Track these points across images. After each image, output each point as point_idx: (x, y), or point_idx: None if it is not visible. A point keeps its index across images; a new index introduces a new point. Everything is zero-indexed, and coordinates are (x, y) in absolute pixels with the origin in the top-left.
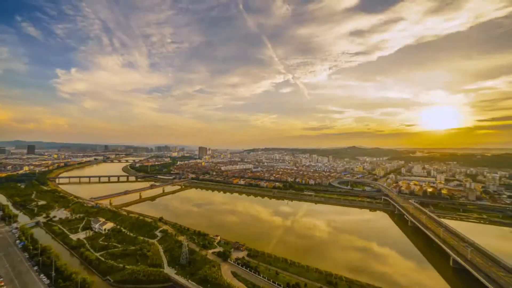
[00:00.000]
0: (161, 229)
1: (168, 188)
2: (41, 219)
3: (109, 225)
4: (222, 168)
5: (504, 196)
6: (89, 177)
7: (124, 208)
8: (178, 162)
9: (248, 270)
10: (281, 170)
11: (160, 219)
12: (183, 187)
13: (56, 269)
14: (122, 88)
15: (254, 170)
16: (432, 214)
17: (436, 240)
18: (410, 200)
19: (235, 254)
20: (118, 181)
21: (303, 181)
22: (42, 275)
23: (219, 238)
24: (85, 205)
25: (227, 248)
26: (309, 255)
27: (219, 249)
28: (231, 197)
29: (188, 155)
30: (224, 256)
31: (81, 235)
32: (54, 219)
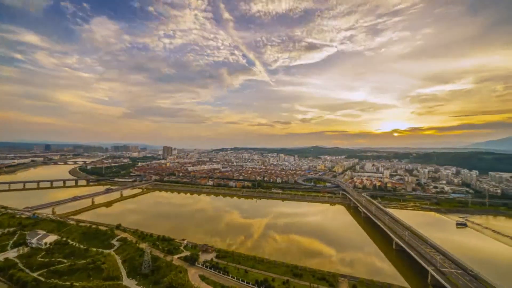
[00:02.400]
0: (119, 237)
1: (128, 192)
2: None
3: (52, 238)
4: (189, 169)
5: (431, 186)
6: (24, 182)
7: (72, 217)
8: (139, 163)
9: (216, 272)
10: (250, 169)
11: (118, 227)
12: (145, 190)
13: None
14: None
15: (223, 170)
16: (380, 205)
17: (383, 227)
18: (363, 194)
19: (203, 257)
20: (64, 186)
21: (271, 180)
22: None
23: (186, 241)
24: (17, 216)
25: (194, 251)
26: (277, 250)
27: (186, 253)
28: (199, 199)
29: (150, 155)
30: (191, 260)
31: (12, 254)
32: None
